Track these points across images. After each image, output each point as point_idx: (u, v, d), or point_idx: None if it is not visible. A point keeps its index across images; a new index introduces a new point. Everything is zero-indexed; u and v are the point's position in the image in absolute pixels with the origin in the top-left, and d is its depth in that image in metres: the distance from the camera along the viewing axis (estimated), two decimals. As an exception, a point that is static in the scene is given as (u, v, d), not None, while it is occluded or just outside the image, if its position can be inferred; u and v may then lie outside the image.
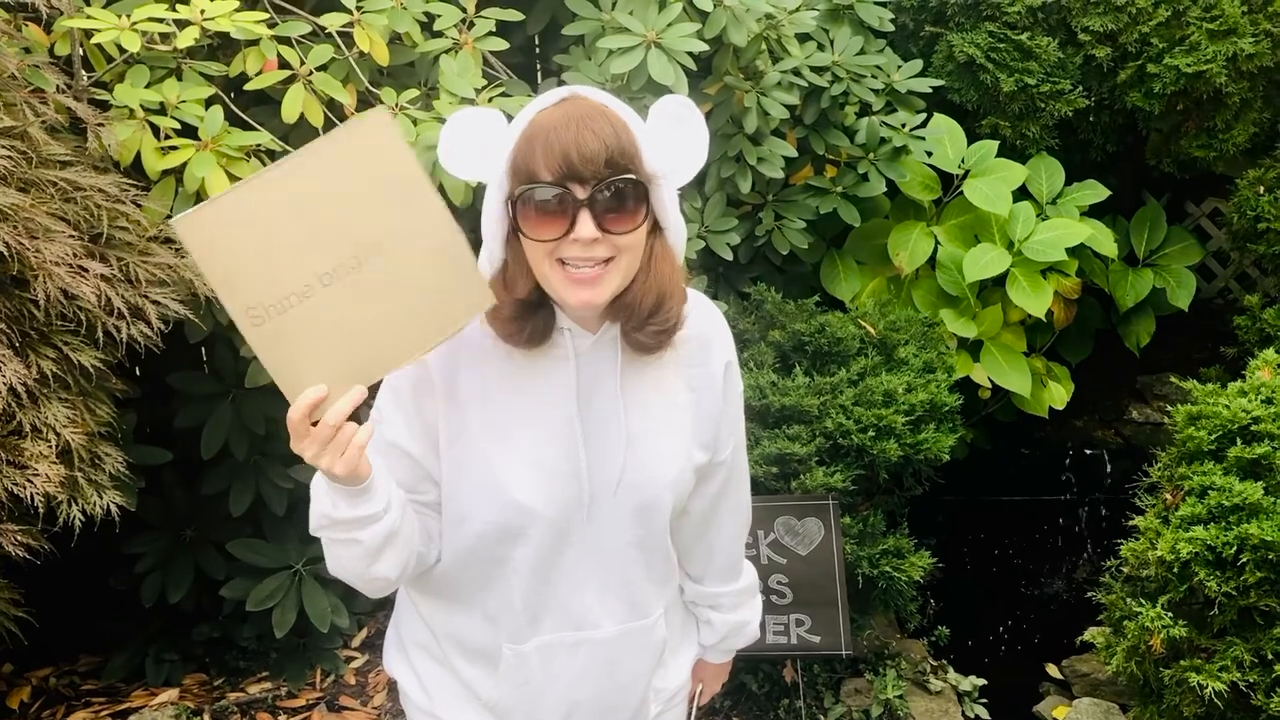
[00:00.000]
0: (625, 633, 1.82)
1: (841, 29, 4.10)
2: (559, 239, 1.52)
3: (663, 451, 1.73)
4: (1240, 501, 2.71)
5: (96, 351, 2.57)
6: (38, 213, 2.43)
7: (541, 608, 1.76)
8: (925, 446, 3.53)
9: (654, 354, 1.69)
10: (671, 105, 1.63)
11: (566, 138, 1.50)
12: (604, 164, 1.50)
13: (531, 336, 1.63)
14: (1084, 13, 4.32)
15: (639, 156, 1.54)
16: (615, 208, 1.53)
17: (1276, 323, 4.24)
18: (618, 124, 1.53)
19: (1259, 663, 2.69)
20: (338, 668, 3.83)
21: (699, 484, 1.85)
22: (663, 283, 1.63)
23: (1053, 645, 4.01)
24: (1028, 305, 4.14)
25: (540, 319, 1.63)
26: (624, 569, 1.78)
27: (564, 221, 1.52)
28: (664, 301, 1.63)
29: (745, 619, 2.07)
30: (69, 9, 2.79)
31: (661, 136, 1.61)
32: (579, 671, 1.80)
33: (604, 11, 3.48)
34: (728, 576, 2.02)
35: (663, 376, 1.74)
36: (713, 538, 1.96)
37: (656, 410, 1.73)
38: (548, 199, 1.51)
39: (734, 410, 1.87)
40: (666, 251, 1.65)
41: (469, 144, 1.60)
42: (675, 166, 1.62)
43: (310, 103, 2.93)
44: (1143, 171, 4.86)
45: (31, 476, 2.35)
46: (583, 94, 1.57)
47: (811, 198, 4.10)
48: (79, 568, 3.43)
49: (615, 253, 1.55)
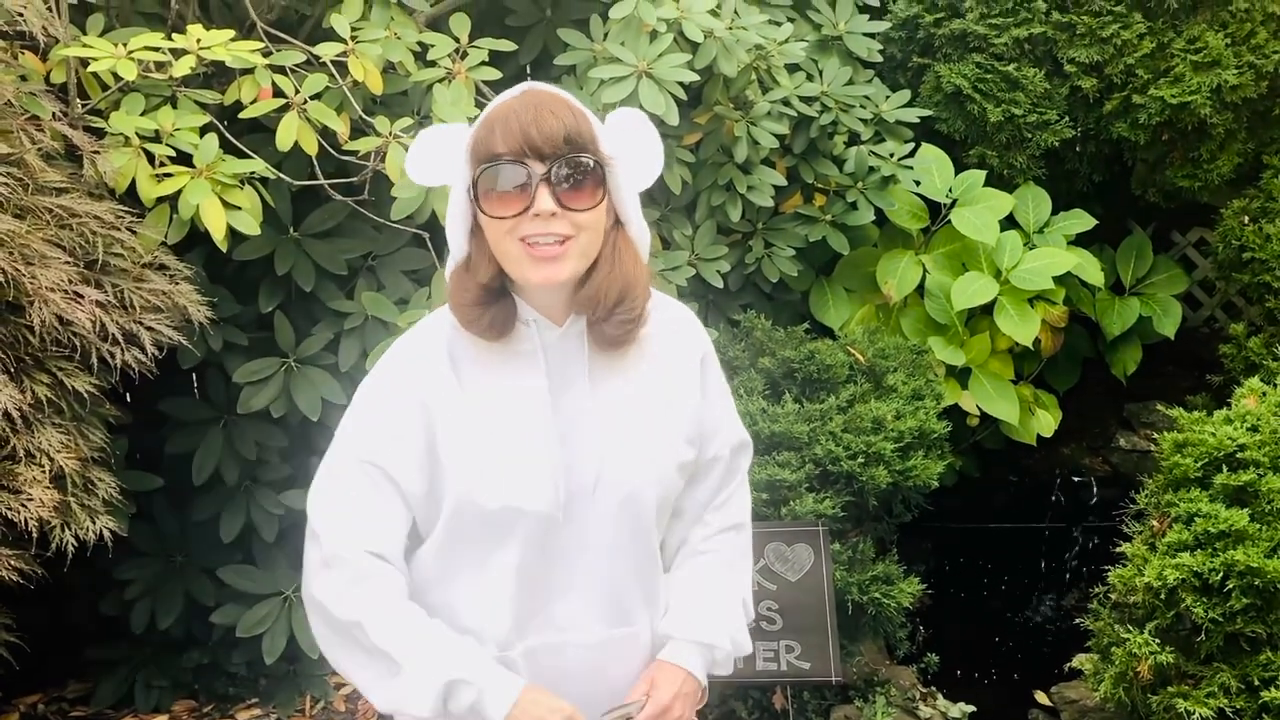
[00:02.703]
0: (611, 639, 1.81)
1: (830, 60, 4.15)
2: (519, 215, 1.58)
3: (643, 448, 1.74)
4: (1226, 528, 2.73)
5: (90, 377, 2.58)
6: (33, 239, 2.45)
7: (526, 613, 1.75)
8: (914, 473, 3.55)
9: (621, 347, 1.72)
10: (627, 114, 1.71)
11: (526, 118, 1.57)
12: (562, 140, 1.57)
13: (493, 325, 1.67)
14: (1070, 44, 4.37)
15: (596, 140, 1.61)
16: (573, 184, 1.58)
17: (1261, 351, 4.27)
18: (575, 111, 1.61)
19: (1245, 689, 2.70)
20: (327, 694, 3.82)
21: (693, 484, 1.87)
22: (626, 274, 1.68)
23: (1041, 672, 4.01)
24: (1015, 333, 4.17)
25: (501, 308, 1.67)
26: (609, 572, 1.77)
27: (524, 197, 1.57)
28: (628, 292, 1.68)
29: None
30: (66, 37, 2.81)
31: (616, 131, 1.67)
32: (565, 674, 1.78)
33: (595, 42, 3.52)
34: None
35: (636, 373, 1.76)
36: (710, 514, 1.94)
37: (633, 406, 1.75)
38: (507, 174, 1.57)
39: (719, 404, 1.88)
40: (629, 245, 1.71)
41: (436, 152, 1.66)
42: (630, 156, 1.67)
43: (304, 131, 2.95)
44: (1129, 201, 4.89)
45: (25, 501, 2.35)
46: (540, 86, 1.64)
47: (801, 226, 4.13)
48: (69, 593, 3.42)
49: (574, 231, 1.60)
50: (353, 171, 3.10)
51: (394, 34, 3.18)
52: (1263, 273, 4.34)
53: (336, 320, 3.42)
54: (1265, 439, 2.89)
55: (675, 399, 1.79)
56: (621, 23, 3.40)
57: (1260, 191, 4.43)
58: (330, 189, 3.11)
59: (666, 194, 3.83)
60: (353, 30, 3.11)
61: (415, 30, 3.27)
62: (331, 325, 3.44)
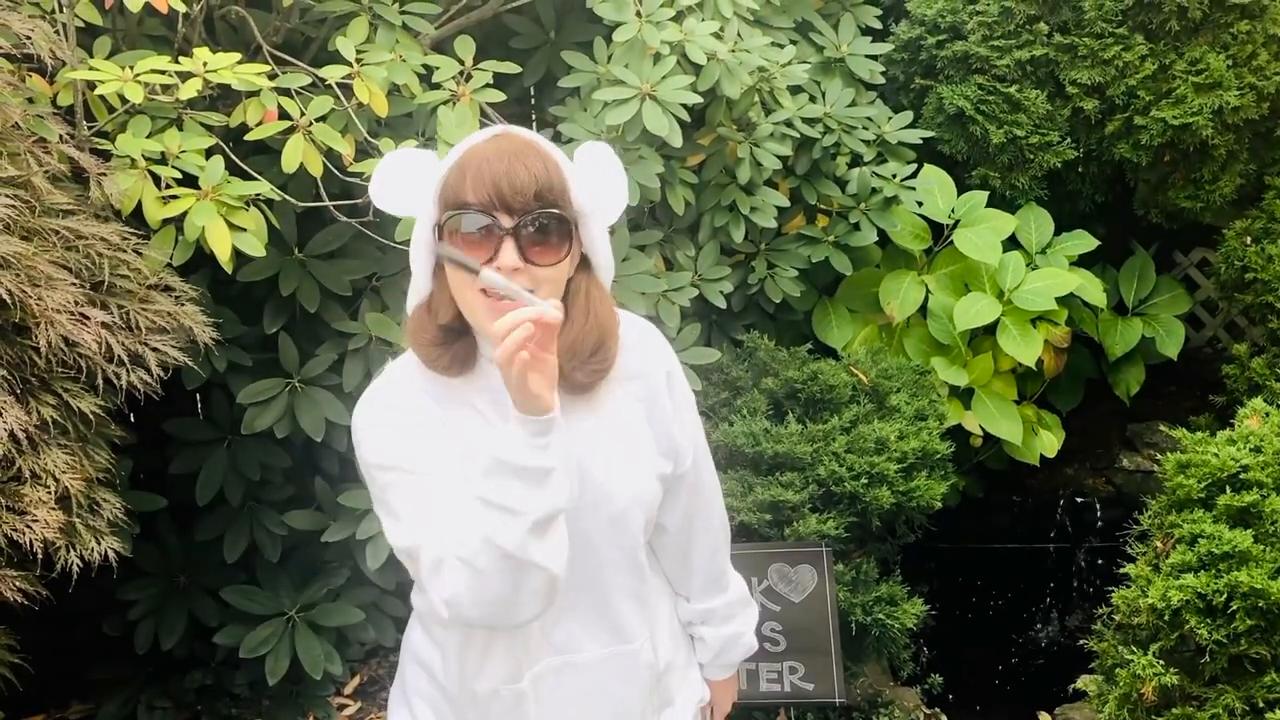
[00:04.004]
0: (609, 657, 1.81)
1: (833, 81, 4.16)
2: (482, 266, 1.53)
3: (621, 468, 1.74)
4: (1230, 549, 2.73)
5: (96, 398, 2.58)
6: (40, 261, 2.45)
7: (525, 638, 1.76)
8: (918, 494, 3.55)
9: (588, 392, 1.71)
10: (594, 151, 1.71)
11: (499, 169, 1.55)
12: (533, 196, 1.55)
13: (453, 363, 1.67)
14: (1072, 66, 4.38)
15: (567, 193, 1.60)
16: (540, 240, 1.57)
17: (1264, 372, 4.28)
18: (548, 160, 1.59)
19: (1250, 710, 2.70)
20: (330, 716, 3.81)
21: (668, 498, 1.86)
22: (601, 323, 1.68)
23: (1045, 693, 4.01)
24: (1018, 354, 4.17)
25: (462, 346, 1.67)
26: (602, 592, 1.78)
27: (488, 249, 1.56)
28: (605, 341, 1.69)
29: (738, 630, 2.07)
30: (73, 60, 2.83)
31: (588, 176, 1.66)
32: (567, 698, 1.79)
33: (599, 64, 3.53)
34: (714, 590, 2.02)
35: (606, 395, 1.76)
36: (691, 554, 1.96)
37: (606, 429, 1.75)
38: (474, 226, 1.56)
39: (687, 418, 1.87)
40: (601, 292, 1.70)
41: (401, 181, 1.65)
42: (601, 205, 1.68)
43: (310, 153, 2.96)
44: (1131, 222, 4.90)
45: (30, 522, 2.35)
46: (514, 131, 1.63)
47: (804, 247, 4.14)
48: (72, 613, 3.42)
49: (535, 285, 1.57)
50: (357, 193, 3.11)
51: (399, 56, 3.19)
52: (1265, 293, 4.34)
53: (341, 341, 3.43)
54: (1269, 460, 2.89)
55: (650, 416, 1.80)
56: (625, 45, 3.42)
57: (1262, 212, 4.44)
58: (335, 210, 3.13)
59: (670, 215, 3.85)
60: (358, 53, 3.13)
61: (420, 53, 3.28)
62: (336, 346, 3.45)
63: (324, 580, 3.76)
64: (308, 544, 3.72)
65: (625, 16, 3.41)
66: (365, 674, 4.00)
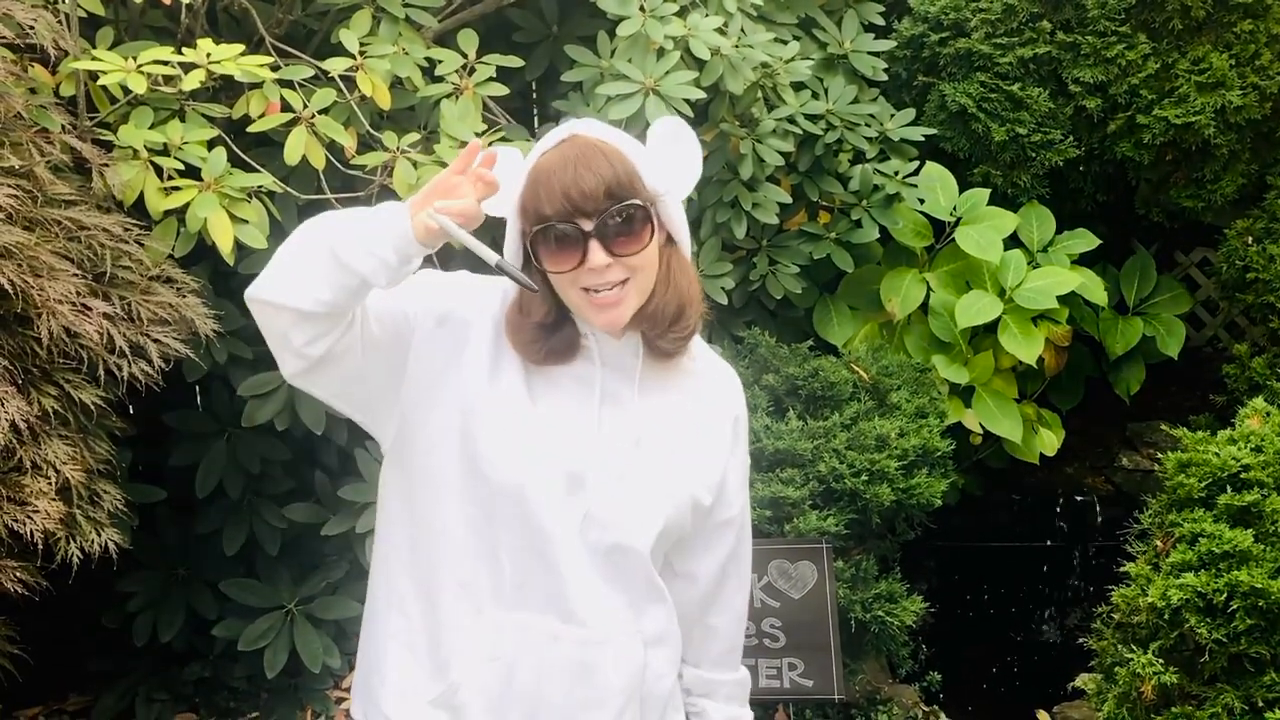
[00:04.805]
0: (603, 640, 1.76)
1: (836, 78, 4.16)
2: (575, 269, 1.63)
3: (669, 462, 1.76)
4: (1230, 548, 2.73)
5: (97, 389, 2.58)
6: (42, 251, 2.45)
7: (526, 580, 1.72)
8: (918, 491, 3.55)
9: (672, 359, 1.77)
10: (668, 126, 1.77)
11: (566, 179, 1.61)
12: (604, 196, 1.61)
13: (549, 355, 1.72)
14: (1074, 64, 4.38)
15: (638, 181, 1.66)
16: (622, 233, 1.64)
17: (1265, 371, 4.28)
18: (613, 156, 1.65)
19: (1249, 710, 2.70)
20: (328, 709, 3.81)
21: (707, 544, 1.86)
22: (682, 293, 1.74)
23: (1044, 691, 4.01)
24: (1019, 352, 4.17)
25: (559, 339, 1.73)
26: (607, 570, 1.75)
27: (577, 253, 1.63)
28: (685, 309, 1.75)
29: (737, 715, 1.98)
30: (75, 51, 2.82)
31: (660, 156, 1.72)
32: (551, 666, 1.74)
33: (602, 59, 3.53)
34: (727, 665, 1.97)
35: (680, 392, 1.81)
36: (718, 614, 1.92)
37: (670, 419, 1.78)
38: (557, 234, 1.63)
39: (740, 468, 1.89)
40: (682, 263, 1.77)
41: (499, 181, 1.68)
42: (675, 183, 1.73)
43: (312, 145, 2.96)
44: (1132, 221, 4.90)
45: (31, 513, 2.35)
46: (580, 133, 1.68)
47: (805, 243, 4.14)
48: (70, 605, 3.42)
49: (630, 273, 1.66)
50: (360, 186, 3.11)
51: (402, 49, 3.19)
52: (1266, 293, 4.35)
53: (342, 334, 3.42)
54: (1269, 459, 2.89)
55: (708, 441, 1.82)
56: (629, 40, 3.42)
57: (1264, 212, 4.44)
58: (337, 203, 3.12)
59: (671, 210, 3.84)
60: (361, 45, 3.12)
61: (423, 46, 3.28)
62: (336, 339, 3.43)
63: (323, 573, 3.75)
64: (307, 537, 3.71)
65: (629, 11, 3.41)
66: (364, 668, 3.99)
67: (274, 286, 1.59)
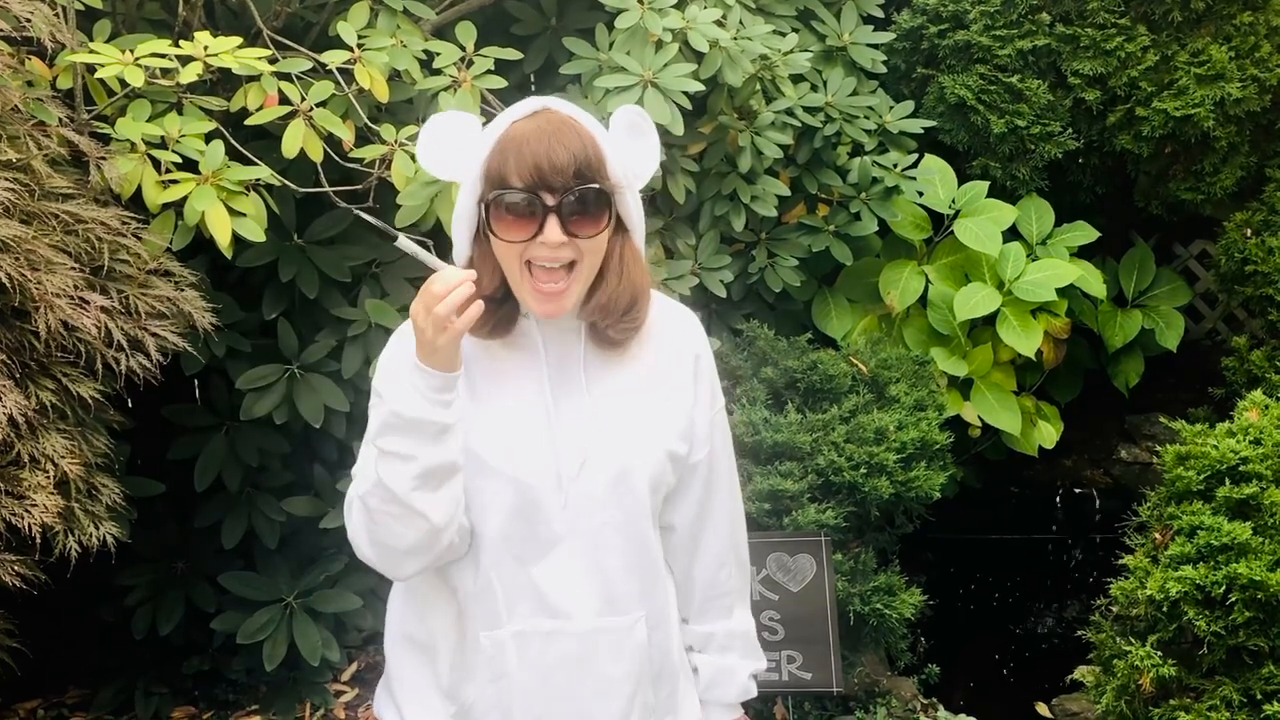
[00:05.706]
0: (600, 629, 1.77)
1: (834, 70, 4.15)
2: (528, 240, 1.64)
3: (631, 429, 1.77)
4: (1229, 541, 2.73)
5: (95, 383, 2.58)
6: (39, 245, 2.45)
7: (516, 590, 1.74)
8: (916, 484, 3.55)
9: (618, 348, 1.78)
10: (630, 115, 1.77)
11: (539, 150, 1.62)
12: (572, 175, 1.62)
13: (495, 328, 1.73)
14: (1074, 56, 4.37)
15: (605, 167, 1.67)
16: (580, 212, 1.65)
17: (1264, 364, 4.28)
18: (586, 136, 1.66)
19: (1248, 703, 2.70)
20: (327, 702, 3.81)
21: (681, 490, 1.86)
22: (634, 284, 1.75)
23: (1042, 684, 4.01)
24: (1018, 345, 4.17)
25: (504, 313, 1.73)
26: (599, 556, 1.76)
27: (533, 225, 1.63)
28: (637, 300, 1.75)
29: (733, 664, 1.99)
30: (72, 43, 2.81)
31: (621, 143, 1.73)
32: (553, 664, 1.76)
33: (601, 51, 3.52)
34: (715, 613, 1.96)
35: (632, 366, 1.80)
36: (695, 561, 1.91)
37: (626, 396, 1.79)
38: (519, 204, 1.63)
39: (709, 408, 1.87)
40: (635, 254, 1.77)
41: (446, 145, 1.71)
42: (636, 173, 1.75)
43: (310, 138, 2.95)
44: (1131, 213, 4.90)
45: (29, 507, 2.35)
46: (554, 107, 1.69)
47: (804, 236, 4.13)
48: (69, 598, 3.42)
49: (579, 256, 1.67)
50: (358, 179, 3.10)
51: (400, 42, 3.18)
52: (1265, 286, 4.34)
53: (340, 327, 3.42)
54: (1268, 452, 2.88)
55: (669, 392, 1.82)
56: (627, 32, 3.41)
57: (1263, 205, 4.44)
58: (335, 196, 3.12)
59: (670, 203, 3.84)
60: (359, 38, 3.12)
61: (421, 38, 3.27)
62: (335, 332, 3.44)
63: (322, 567, 3.75)
64: (306, 530, 3.71)
65: (627, 3, 3.40)
66: (363, 661, 4.00)
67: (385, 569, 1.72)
